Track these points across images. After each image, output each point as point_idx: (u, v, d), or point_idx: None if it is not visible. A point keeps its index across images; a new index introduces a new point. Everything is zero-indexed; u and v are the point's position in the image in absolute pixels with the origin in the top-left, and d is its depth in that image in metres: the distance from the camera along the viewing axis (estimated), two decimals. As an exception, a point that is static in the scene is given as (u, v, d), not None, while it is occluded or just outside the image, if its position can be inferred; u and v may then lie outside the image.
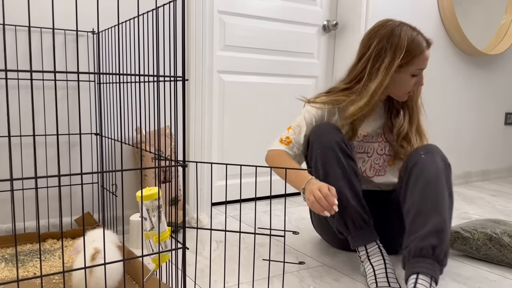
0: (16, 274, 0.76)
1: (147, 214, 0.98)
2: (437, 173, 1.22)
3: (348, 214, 1.29)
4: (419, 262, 1.11)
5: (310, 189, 1.21)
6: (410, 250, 1.14)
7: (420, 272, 1.10)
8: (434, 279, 1.09)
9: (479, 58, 2.85)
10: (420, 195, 1.21)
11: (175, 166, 0.99)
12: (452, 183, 1.29)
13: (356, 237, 1.30)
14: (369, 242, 1.28)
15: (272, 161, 1.40)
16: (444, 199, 1.19)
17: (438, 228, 1.15)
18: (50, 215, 1.59)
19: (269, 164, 1.41)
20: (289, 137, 1.43)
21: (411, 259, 1.13)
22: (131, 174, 1.72)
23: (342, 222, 1.31)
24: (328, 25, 2.32)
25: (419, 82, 1.40)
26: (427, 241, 1.13)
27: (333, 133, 1.33)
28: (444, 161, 1.27)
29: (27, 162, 1.54)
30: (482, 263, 1.49)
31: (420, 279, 1.09)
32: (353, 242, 1.30)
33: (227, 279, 1.29)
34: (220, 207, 2.11)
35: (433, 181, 1.21)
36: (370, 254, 1.27)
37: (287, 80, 2.27)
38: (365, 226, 1.30)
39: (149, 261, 1.35)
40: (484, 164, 3.06)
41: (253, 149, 2.21)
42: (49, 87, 1.55)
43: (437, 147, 1.31)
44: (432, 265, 1.10)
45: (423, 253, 1.12)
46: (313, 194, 1.18)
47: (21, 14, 1.48)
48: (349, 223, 1.30)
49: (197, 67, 1.78)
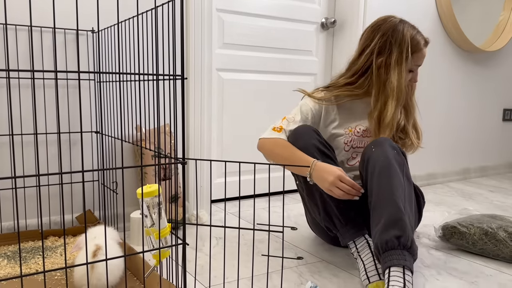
0: (20, 270, 0.78)
1: (147, 211, 1.00)
2: (389, 162, 1.23)
3: (333, 212, 1.32)
4: (389, 255, 1.11)
5: (326, 179, 1.24)
6: (377, 245, 1.15)
7: (391, 265, 1.10)
8: (407, 267, 1.09)
9: (477, 55, 2.86)
10: (376, 189, 1.23)
11: (175, 163, 1.01)
12: (408, 167, 1.30)
13: (344, 233, 1.32)
14: (356, 237, 1.30)
15: (270, 150, 1.39)
16: (397, 187, 1.20)
17: (395, 217, 1.15)
18: (51, 212, 1.61)
19: (267, 153, 1.41)
20: (282, 126, 1.43)
21: (381, 254, 1.14)
22: (131, 171, 1.73)
23: (329, 219, 1.34)
24: (326, 22, 2.34)
25: (414, 78, 1.45)
26: (390, 233, 1.13)
27: (309, 135, 1.35)
28: (395, 148, 1.28)
29: (28, 160, 1.55)
30: (479, 258, 1.51)
31: (392, 272, 1.10)
32: (342, 239, 1.33)
33: (226, 275, 1.31)
34: (219, 204, 2.13)
35: (386, 172, 1.22)
36: (360, 250, 1.28)
37: (285, 77, 2.29)
38: (352, 221, 1.31)
39: (150, 257, 1.37)
40: (482, 161, 3.08)
41: (252, 146, 2.23)
42: (49, 85, 1.56)
43: (386, 138, 1.32)
44: (401, 255, 1.11)
45: (389, 245, 1.12)
46: (338, 186, 1.23)
47: (21, 13, 1.49)
48: (335, 220, 1.33)
49: (196, 65, 1.80)
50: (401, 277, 1.08)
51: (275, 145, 1.38)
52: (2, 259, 1.36)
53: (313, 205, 1.39)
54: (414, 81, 1.46)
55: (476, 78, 2.91)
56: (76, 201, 1.64)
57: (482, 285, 1.30)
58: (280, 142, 1.38)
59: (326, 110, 1.48)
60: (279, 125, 1.44)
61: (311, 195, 1.37)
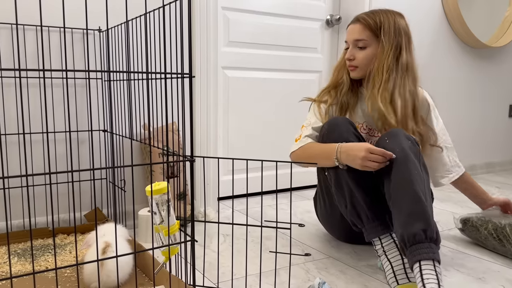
0: (32, 267, 0.79)
1: (156, 208, 1.01)
2: (406, 153, 1.22)
3: (361, 206, 1.29)
4: (417, 249, 1.11)
5: (357, 155, 1.24)
6: (403, 238, 1.14)
7: (421, 259, 1.10)
8: (437, 260, 1.11)
9: (483, 51, 2.85)
10: (395, 180, 1.22)
11: (183, 161, 1.02)
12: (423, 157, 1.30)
13: (370, 229, 1.28)
14: (383, 234, 1.26)
15: (301, 158, 1.42)
16: (417, 178, 1.19)
17: (419, 209, 1.15)
18: (60, 210, 1.62)
19: (300, 162, 1.43)
20: (301, 134, 1.47)
21: (408, 248, 1.13)
22: (138, 170, 1.74)
23: (355, 213, 1.30)
24: (332, 19, 2.34)
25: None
26: (415, 226, 1.13)
27: (346, 125, 1.35)
28: (409, 139, 1.28)
29: (36, 159, 1.57)
30: (487, 254, 1.51)
31: (423, 265, 1.10)
32: (367, 234, 1.29)
33: (234, 271, 1.32)
34: (226, 202, 2.13)
35: (403, 163, 1.21)
36: (386, 249, 1.24)
37: (290, 75, 2.29)
38: (379, 217, 1.28)
39: (159, 254, 1.38)
40: (489, 157, 3.07)
41: (258, 143, 2.24)
42: (56, 85, 1.57)
43: (400, 129, 1.32)
44: (429, 248, 1.11)
45: (417, 239, 1.12)
46: (371, 159, 1.22)
47: (29, 13, 1.50)
48: (362, 215, 1.29)
49: (202, 64, 1.81)
50: (432, 269, 1.08)
51: (302, 153, 1.42)
52: (13, 256, 1.38)
53: (340, 197, 1.35)
54: (347, 59, 1.49)
55: (482, 74, 2.90)
56: (84, 199, 1.66)
57: (489, 281, 1.30)
58: (305, 147, 1.42)
59: (333, 109, 1.50)
60: (299, 134, 1.48)
61: (339, 187, 1.34)
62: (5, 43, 1.48)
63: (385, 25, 1.41)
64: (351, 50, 1.46)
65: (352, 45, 1.45)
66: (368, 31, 1.42)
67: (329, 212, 1.52)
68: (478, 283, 1.29)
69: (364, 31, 1.43)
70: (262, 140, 2.25)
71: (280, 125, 2.29)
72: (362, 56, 1.44)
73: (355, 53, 1.45)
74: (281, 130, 2.29)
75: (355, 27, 1.45)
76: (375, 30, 1.42)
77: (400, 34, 1.41)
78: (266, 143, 2.26)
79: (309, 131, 1.46)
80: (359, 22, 1.44)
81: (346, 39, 1.48)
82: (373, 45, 1.43)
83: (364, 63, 1.44)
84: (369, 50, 1.43)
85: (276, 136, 2.28)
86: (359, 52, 1.44)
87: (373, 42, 1.43)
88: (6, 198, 1.53)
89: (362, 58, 1.44)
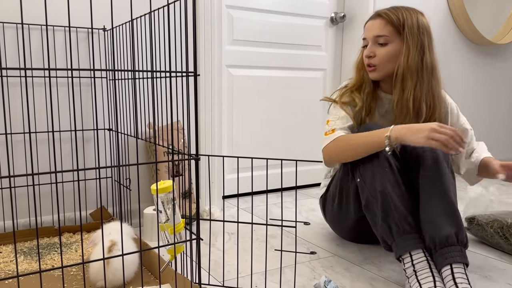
0: (39, 265, 0.79)
1: (162, 207, 1.01)
2: (436, 156, 1.21)
3: (392, 218, 1.18)
4: (449, 251, 1.10)
5: (422, 128, 1.13)
6: (434, 240, 1.12)
7: (453, 262, 1.09)
8: (466, 264, 1.10)
9: (489, 48, 2.84)
10: (426, 181, 1.19)
11: (188, 159, 1.02)
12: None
13: (400, 243, 1.16)
14: (414, 249, 1.14)
15: (336, 152, 1.31)
16: (448, 181, 1.18)
17: (451, 212, 1.14)
18: (65, 209, 1.63)
19: (336, 157, 1.31)
20: (333, 128, 1.36)
21: (438, 250, 1.12)
22: (144, 168, 1.75)
23: (387, 227, 1.19)
24: (336, 17, 2.33)
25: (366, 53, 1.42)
26: (448, 229, 1.12)
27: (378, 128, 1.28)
28: None
29: (42, 158, 1.57)
30: (493, 252, 1.50)
31: (455, 268, 1.08)
32: (397, 249, 1.17)
33: (240, 270, 1.32)
34: (231, 200, 2.14)
35: (435, 165, 1.20)
36: (417, 267, 1.12)
37: (295, 73, 2.29)
38: (410, 230, 1.17)
39: (164, 252, 1.38)
40: (495, 154, 3.04)
41: (263, 142, 2.23)
42: (61, 84, 1.58)
43: None
44: (460, 251, 1.10)
45: (449, 241, 1.11)
46: (439, 132, 1.11)
47: (34, 13, 1.50)
48: (394, 227, 1.18)
49: (206, 62, 1.80)
50: (464, 273, 1.08)
51: (337, 145, 1.30)
52: (19, 255, 1.39)
53: (373, 205, 1.23)
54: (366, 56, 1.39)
55: (488, 71, 2.88)
56: (90, 198, 1.66)
57: (496, 279, 1.29)
58: (340, 138, 1.30)
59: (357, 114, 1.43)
60: (329, 128, 1.36)
61: (373, 193, 1.23)
62: (10, 43, 1.48)
63: (408, 21, 1.33)
64: (370, 46, 1.37)
65: (372, 41, 1.37)
66: (390, 27, 1.34)
67: (342, 215, 1.45)
68: (484, 281, 1.28)
69: (386, 26, 1.34)
70: (267, 138, 2.24)
71: (285, 123, 2.28)
72: (383, 53, 1.35)
73: (375, 50, 1.36)
74: (286, 128, 2.29)
75: (375, 22, 1.36)
76: (397, 26, 1.33)
77: (423, 32, 1.33)
78: (271, 141, 2.26)
79: (342, 124, 1.36)
80: (380, 17, 1.36)
81: (365, 36, 1.40)
82: (395, 42, 1.34)
83: (385, 60, 1.35)
84: (390, 46, 1.34)
85: (281, 134, 2.28)
86: (380, 49, 1.35)
87: (395, 38, 1.34)
88: (12, 197, 1.54)
89: (383, 55, 1.35)
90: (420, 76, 1.33)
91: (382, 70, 1.37)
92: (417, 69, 1.33)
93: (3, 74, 1.48)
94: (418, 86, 1.33)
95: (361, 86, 1.42)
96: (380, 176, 1.22)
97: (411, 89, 1.33)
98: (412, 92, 1.33)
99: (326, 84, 2.39)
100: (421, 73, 1.33)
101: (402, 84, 1.34)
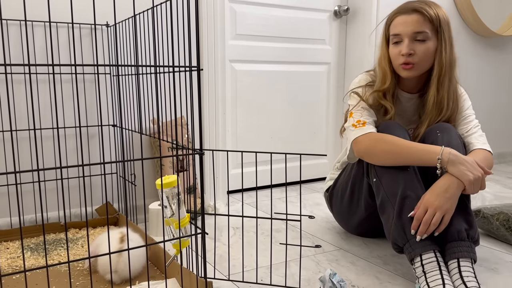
0: (45, 260, 0.80)
1: (167, 202, 1.01)
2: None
3: (407, 220, 1.16)
4: (458, 246, 1.11)
5: (474, 169, 1.14)
6: (446, 234, 1.13)
7: (461, 256, 1.09)
8: (474, 260, 1.11)
9: (493, 40, 2.81)
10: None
11: (193, 154, 1.02)
12: None
13: (414, 244, 1.13)
14: (425, 250, 1.11)
15: (374, 148, 1.25)
16: None
17: (464, 208, 1.16)
18: (71, 205, 1.64)
19: (371, 151, 1.25)
20: (362, 120, 1.31)
21: (449, 242, 1.13)
22: (148, 164, 1.75)
23: (401, 228, 1.16)
24: (339, 10, 2.32)
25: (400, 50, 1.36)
26: (460, 224, 1.13)
27: (402, 132, 1.27)
28: (460, 138, 1.27)
29: (47, 154, 1.58)
30: (499, 245, 1.50)
31: (462, 262, 1.09)
32: (410, 251, 1.13)
33: (245, 264, 1.32)
34: (235, 195, 2.14)
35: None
36: (427, 268, 1.09)
37: (299, 67, 2.28)
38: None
39: (170, 247, 1.39)
40: (500, 147, 3.03)
41: (267, 136, 2.23)
42: (65, 80, 1.58)
43: (450, 125, 1.29)
44: (470, 247, 1.11)
45: (460, 236, 1.12)
46: (483, 180, 1.15)
47: (37, 10, 1.50)
48: (407, 229, 1.15)
49: (209, 57, 1.80)
50: (471, 268, 1.08)
51: (372, 142, 1.25)
52: (26, 251, 1.40)
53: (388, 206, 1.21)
54: (405, 54, 1.31)
55: (493, 63, 2.86)
56: (95, 193, 1.67)
57: (502, 271, 1.29)
58: (377, 137, 1.25)
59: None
60: (358, 120, 1.31)
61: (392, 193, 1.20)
62: (14, 40, 1.49)
63: (440, 17, 1.29)
64: (410, 44, 1.29)
65: (410, 38, 1.28)
66: (428, 23, 1.28)
67: (352, 210, 1.44)
68: (491, 273, 1.28)
69: (425, 22, 1.28)
70: (271, 133, 2.24)
71: (290, 117, 2.28)
72: (424, 50, 1.29)
73: (415, 47, 1.29)
74: (290, 122, 2.29)
75: (413, 17, 1.28)
76: (435, 23, 1.28)
77: (450, 28, 1.32)
78: (274, 136, 2.26)
79: (369, 117, 1.32)
80: (418, 13, 1.28)
81: (399, 32, 1.30)
82: (432, 39, 1.30)
83: (425, 58, 1.30)
84: (429, 43, 1.29)
85: (285, 129, 2.28)
86: (419, 46, 1.29)
87: (433, 35, 1.30)
88: (18, 193, 1.55)
89: (423, 53, 1.29)
90: (453, 73, 1.33)
91: (420, 68, 1.32)
92: (450, 66, 1.32)
93: (7, 71, 1.48)
94: (452, 84, 1.33)
95: (387, 87, 1.35)
96: (398, 178, 1.20)
97: (447, 87, 1.32)
98: (447, 90, 1.32)
99: (330, 78, 2.38)
100: (454, 70, 1.34)
101: (439, 82, 1.31)
